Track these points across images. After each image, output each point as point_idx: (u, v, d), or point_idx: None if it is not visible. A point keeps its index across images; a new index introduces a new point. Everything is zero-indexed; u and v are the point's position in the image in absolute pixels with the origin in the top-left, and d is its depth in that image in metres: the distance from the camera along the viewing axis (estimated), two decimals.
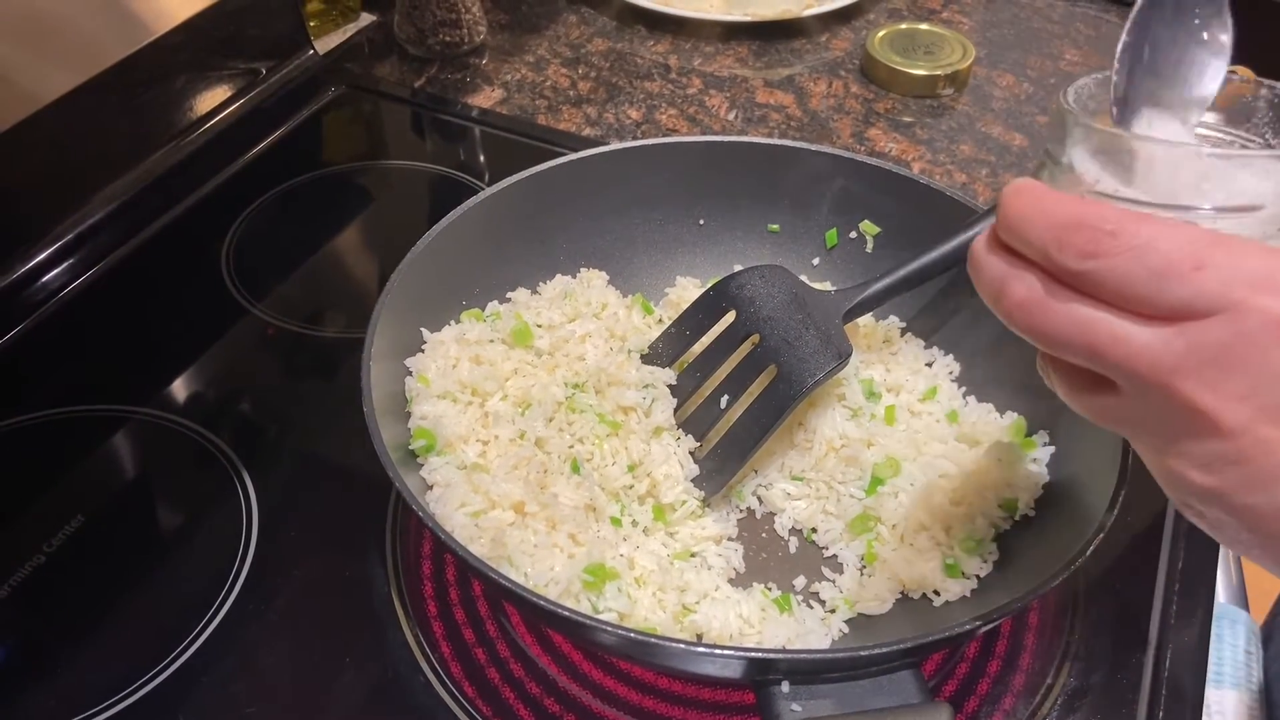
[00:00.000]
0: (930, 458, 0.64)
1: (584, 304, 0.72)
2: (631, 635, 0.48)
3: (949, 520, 0.61)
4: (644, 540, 0.61)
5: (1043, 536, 0.59)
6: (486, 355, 0.67)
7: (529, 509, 0.58)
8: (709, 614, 0.56)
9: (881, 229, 0.74)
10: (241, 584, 0.61)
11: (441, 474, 0.60)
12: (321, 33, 1.09)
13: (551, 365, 0.68)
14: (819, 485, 0.65)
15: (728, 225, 0.77)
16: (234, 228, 0.87)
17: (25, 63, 0.76)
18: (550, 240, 0.74)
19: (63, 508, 0.65)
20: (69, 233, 0.83)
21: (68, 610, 0.60)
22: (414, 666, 0.58)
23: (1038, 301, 0.37)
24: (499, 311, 0.71)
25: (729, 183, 0.75)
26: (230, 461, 0.68)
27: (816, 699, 0.47)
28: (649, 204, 0.76)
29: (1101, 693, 0.58)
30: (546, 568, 0.56)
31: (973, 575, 0.59)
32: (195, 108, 0.93)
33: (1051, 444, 0.63)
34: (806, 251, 0.77)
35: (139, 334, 0.79)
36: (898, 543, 0.61)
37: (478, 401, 0.65)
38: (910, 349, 0.72)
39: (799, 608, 0.59)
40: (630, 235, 0.76)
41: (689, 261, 0.78)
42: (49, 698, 0.56)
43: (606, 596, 0.55)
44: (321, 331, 0.79)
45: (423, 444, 0.61)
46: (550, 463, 0.62)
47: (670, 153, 0.74)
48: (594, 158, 0.73)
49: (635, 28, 1.15)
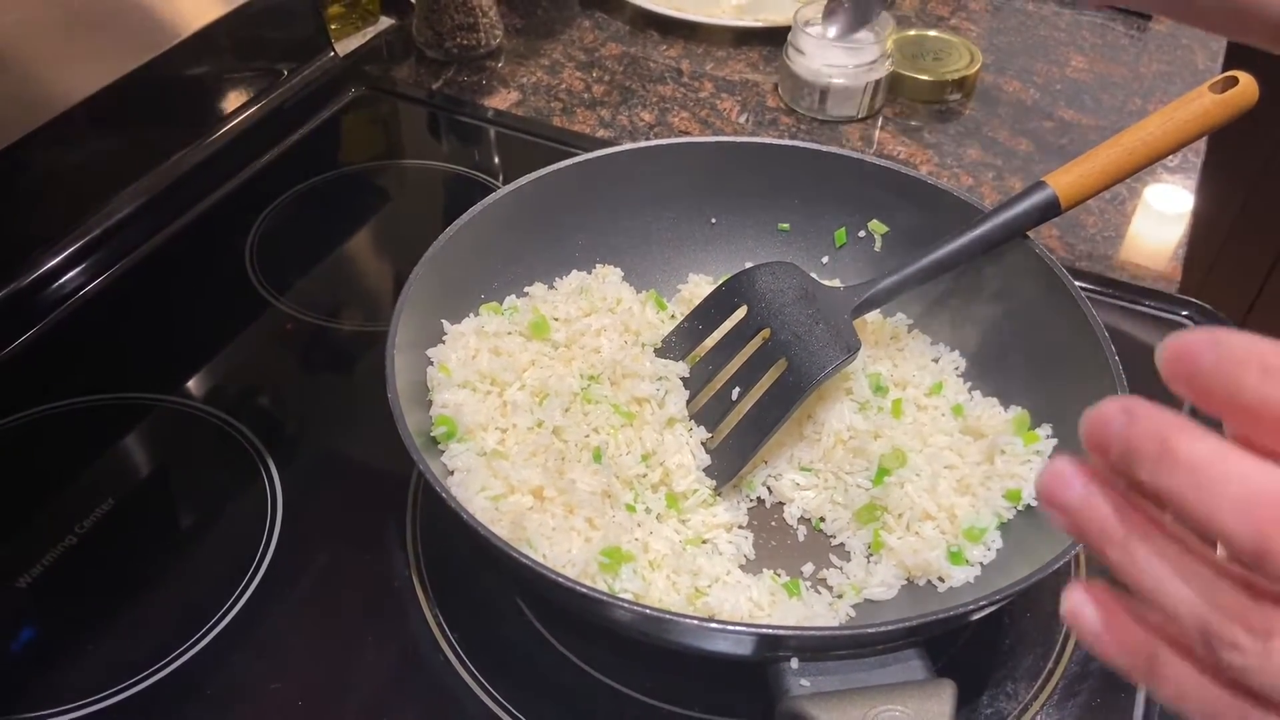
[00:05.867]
0: (936, 449, 0.66)
1: (599, 299, 0.74)
2: (648, 612, 0.49)
3: (954, 510, 0.63)
4: (657, 526, 0.62)
5: (1046, 524, 0.60)
6: (505, 347, 0.69)
7: (547, 494, 0.60)
8: (721, 597, 0.58)
9: (890, 228, 0.76)
10: (266, 566, 0.63)
11: (462, 460, 0.62)
12: (341, 36, 1.11)
13: (568, 357, 0.70)
14: (827, 476, 0.67)
15: (739, 224, 0.79)
16: (257, 224, 0.89)
17: (52, 65, 0.78)
18: (566, 237, 0.76)
19: (93, 491, 0.67)
20: (97, 227, 0.85)
21: (98, 590, 0.62)
22: (434, 646, 0.60)
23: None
24: (516, 305, 0.73)
25: (740, 183, 0.77)
26: (255, 448, 0.70)
27: (824, 674, 0.49)
28: (662, 203, 0.78)
29: (1101, 678, 0.59)
30: (564, 550, 0.58)
31: (976, 563, 0.61)
32: (219, 108, 0.95)
33: (1054, 436, 0.65)
34: (816, 250, 0.79)
35: (166, 325, 0.81)
36: (904, 531, 0.63)
37: (496, 391, 0.67)
38: (917, 345, 0.74)
39: (807, 592, 0.61)
40: (644, 233, 0.78)
41: (701, 259, 0.79)
42: (81, 673, 0.58)
43: (622, 578, 0.57)
44: (341, 325, 0.81)
45: (444, 430, 0.63)
46: (567, 450, 0.63)
47: (682, 153, 0.76)
48: (608, 157, 0.75)
49: (648, 32, 1.17)
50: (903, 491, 0.64)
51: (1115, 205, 0.93)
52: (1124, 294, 0.82)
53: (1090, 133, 1.01)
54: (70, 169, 0.83)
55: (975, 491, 0.64)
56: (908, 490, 0.64)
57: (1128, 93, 1.07)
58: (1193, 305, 0.81)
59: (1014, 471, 0.64)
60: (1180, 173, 0.97)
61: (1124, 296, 0.82)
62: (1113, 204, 0.93)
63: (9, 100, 0.75)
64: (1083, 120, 1.03)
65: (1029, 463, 0.64)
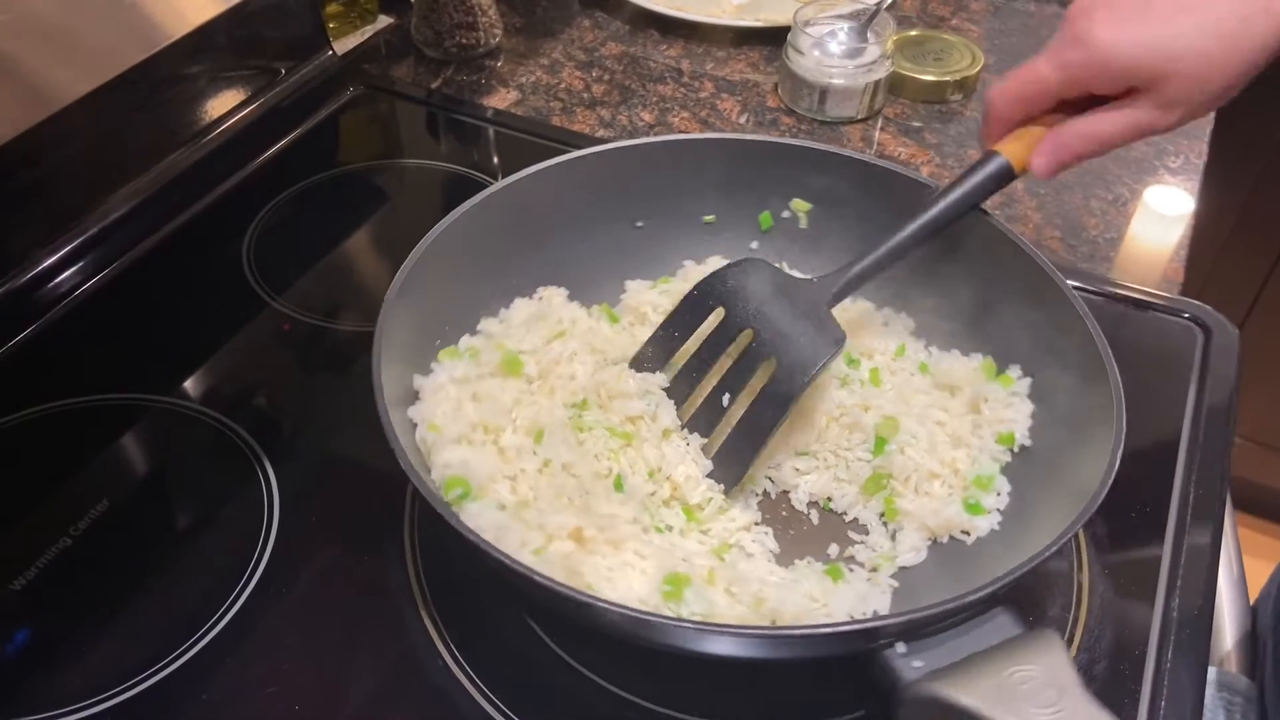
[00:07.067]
0: (921, 409, 0.67)
1: (556, 323, 0.72)
2: (770, 633, 0.49)
3: (955, 464, 0.66)
4: (681, 541, 0.62)
5: (1045, 465, 0.63)
6: (484, 391, 0.66)
7: (587, 534, 0.58)
8: (780, 598, 0.57)
9: (813, 204, 0.77)
10: (263, 568, 0.63)
11: (487, 518, 0.58)
12: (340, 34, 1.11)
13: (547, 389, 0.68)
14: (826, 456, 0.68)
15: (665, 223, 0.78)
16: (255, 223, 0.89)
17: (49, 63, 0.78)
18: (502, 268, 0.73)
19: (88, 492, 0.67)
20: (94, 226, 0.84)
21: (93, 592, 0.62)
22: (432, 650, 0.59)
23: None
24: (474, 346, 0.70)
25: (657, 182, 0.76)
26: (251, 449, 0.70)
27: (931, 650, 0.49)
28: (586, 216, 0.75)
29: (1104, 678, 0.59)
30: (627, 587, 0.56)
31: (993, 510, 0.63)
32: (216, 107, 0.95)
33: (1026, 375, 0.67)
34: (744, 237, 0.79)
35: (163, 325, 0.80)
36: (914, 494, 0.65)
37: (490, 439, 0.65)
38: (863, 312, 0.75)
39: (848, 574, 0.61)
40: (576, 249, 0.75)
41: (635, 264, 0.78)
42: (76, 676, 0.57)
43: (689, 601, 0.56)
44: (339, 325, 0.80)
45: (459, 492, 0.59)
46: (585, 484, 0.62)
47: (595, 163, 0.74)
48: (522, 181, 0.71)
49: (648, 32, 1.16)
50: (905, 456, 0.65)
51: (1116, 207, 0.92)
52: (1124, 296, 0.82)
53: None
54: (66, 167, 0.83)
55: (969, 442, 0.66)
56: (909, 454, 0.65)
57: None
58: (1193, 307, 0.80)
59: (1000, 416, 0.66)
60: (1182, 175, 0.96)
61: (1125, 299, 0.82)
62: (1114, 206, 0.92)
63: (4, 98, 0.75)
64: None
65: (1011, 405, 0.67)
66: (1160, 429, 0.72)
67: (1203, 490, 0.68)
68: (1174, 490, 0.68)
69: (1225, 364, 0.76)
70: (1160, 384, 0.75)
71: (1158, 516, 0.67)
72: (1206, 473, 0.69)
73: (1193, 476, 0.69)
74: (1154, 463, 0.70)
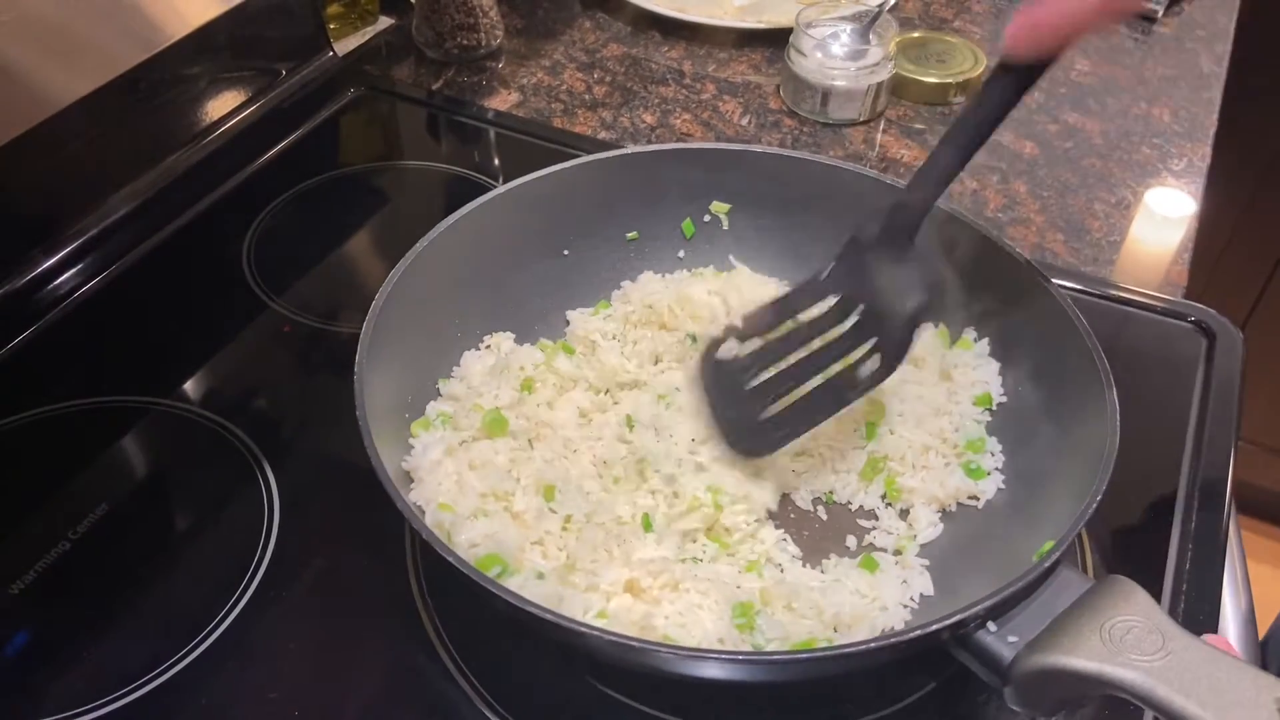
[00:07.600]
0: (895, 384, 0.68)
1: (518, 371, 0.69)
2: (865, 648, 0.48)
3: (943, 432, 0.67)
4: (720, 569, 0.60)
5: (1033, 416, 0.65)
6: (478, 457, 0.63)
7: (643, 584, 0.58)
8: (838, 603, 0.57)
9: (732, 204, 0.78)
10: (264, 571, 0.62)
11: (532, 590, 0.55)
12: (341, 35, 1.10)
13: (535, 437, 0.66)
14: (820, 451, 0.68)
15: (590, 247, 0.77)
16: (255, 225, 0.89)
17: (49, 64, 0.78)
18: (442, 325, 0.71)
19: (88, 495, 0.66)
20: (93, 228, 0.84)
21: (93, 596, 0.61)
22: (433, 654, 0.59)
23: None
24: (443, 411, 0.67)
25: (572, 209, 0.75)
26: (250, 451, 0.69)
27: (1017, 621, 0.49)
28: (513, 253, 0.74)
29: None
30: (702, 630, 0.55)
31: (993, 470, 0.65)
32: (217, 108, 0.95)
33: (982, 336, 0.70)
34: (670, 247, 0.79)
35: (162, 327, 0.80)
36: (913, 470, 0.66)
37: (501, 506, 0.62)
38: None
39: (881, 562, 0.62)
40: (509, 290, 0.74)
41: (571, 294, 0.77)
42: (75, 681, 0.57)
43: (764, 629, 0.55)
44: (339, 327, 0.80)
45: (497, 570, 0.56)
46: (614, 531, 0.61)
47: (507, 202, 0.72)
48: (444, 234, 0.69)
49: (649, 33, 1.16)
50: (896, 435, 0.67)
51: (1119, 210, 0.92)
52: (1127, 299, 0.81)
53: (1095, 136, 1.01)
54: (66, 168, 0.82)
55: (949, 410, 0.68)
56: (900, 432, 0.67)
57: (1133, 96, 1.06)
58: (1198, 310, 0.80)
59: (971, 379, 0.68)
60: (1185, 177, 0.96)
61: (1127, 301, 0.81)
62: (1117, 209, 0.92)
63: (4, 98, 0.75)
64: (1087, 124, 1.02)
65: (979, 367, 0.69)
66: (1163, 435, 0.72)
67: (1206, 495, 0.68)
68: (1178, 492, 0.68)
69: (1229, 370, 0.76)
70: (1163, 389, 0.75)
71: (1161, 521, 0.67)
72: (1210, 477, 0.69)
73: (1196, 483, 0.69)
74: (1156, 466, 0.70)
